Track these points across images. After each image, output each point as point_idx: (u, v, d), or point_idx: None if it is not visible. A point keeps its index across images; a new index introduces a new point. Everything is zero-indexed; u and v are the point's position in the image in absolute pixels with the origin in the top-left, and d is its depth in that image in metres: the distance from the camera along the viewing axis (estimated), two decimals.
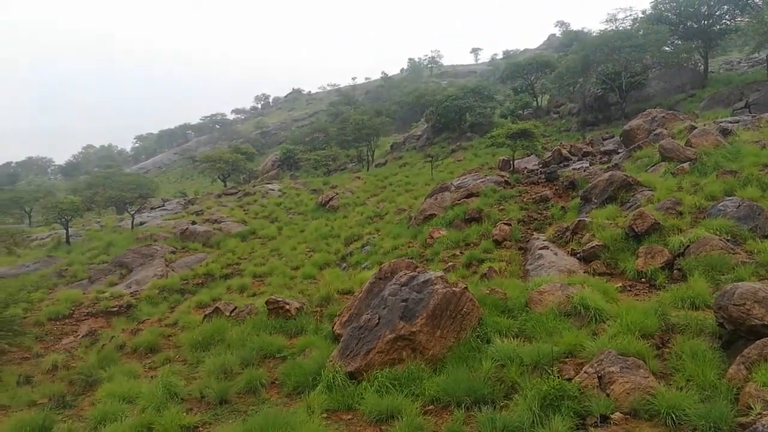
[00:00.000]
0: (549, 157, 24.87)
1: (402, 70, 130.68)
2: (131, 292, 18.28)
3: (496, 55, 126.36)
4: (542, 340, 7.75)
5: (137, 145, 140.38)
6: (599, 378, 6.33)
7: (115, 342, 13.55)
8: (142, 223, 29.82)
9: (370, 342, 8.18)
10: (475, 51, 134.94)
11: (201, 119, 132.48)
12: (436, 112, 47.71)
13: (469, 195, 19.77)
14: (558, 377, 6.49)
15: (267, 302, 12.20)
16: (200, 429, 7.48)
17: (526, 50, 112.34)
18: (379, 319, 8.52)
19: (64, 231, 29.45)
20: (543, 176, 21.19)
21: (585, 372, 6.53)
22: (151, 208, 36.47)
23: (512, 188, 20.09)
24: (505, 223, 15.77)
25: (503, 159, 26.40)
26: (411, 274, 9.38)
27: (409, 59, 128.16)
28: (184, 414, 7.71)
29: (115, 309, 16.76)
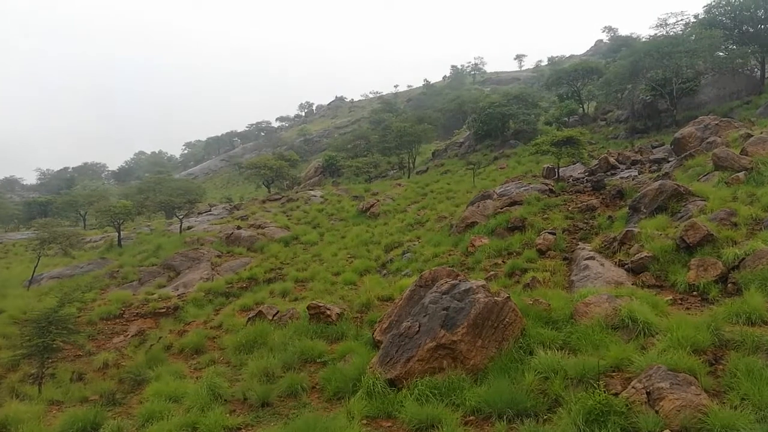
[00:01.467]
0: (595, 165, 24.30)
1: (444, 77, 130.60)
2: (178, 294, 18.83)
3: (540, 61, 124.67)
4: (588, 353, 7.55)
5: (186, 151, 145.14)
6: (648, 394, 6.12)
7: (163, 342, 14.00)
8: (189, 228, 30.71)
9: (410, 350, 8.15)
10: (519, 58, 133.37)
11: (247, 127, 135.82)
12: (478, 119, 47.34)
13: (512, 203, 19.50)
14: (604, 392, 6.29)
15: (308, 307, 12.35)
16: (243, 431, 7.62)
17: (571, 56, 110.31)
18: (419, 327, 8.49)
19: (117, 234, 30.67)
20: (589, 185, 20.71)
21: (633, 387, 6.32)
22: (199, 213, 37.50)
23: (557, 197, 19.70)
24: (549, 233, 15.47)
25: (548, 167, 25.94)
26: (452, 282, 9.31)
27: (452, 66, 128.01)
28: (228, 415, 7.87)
29: (163, 310, 17.29)
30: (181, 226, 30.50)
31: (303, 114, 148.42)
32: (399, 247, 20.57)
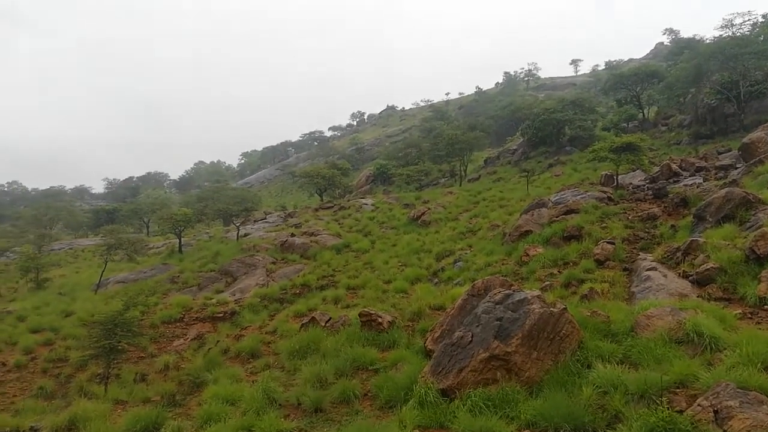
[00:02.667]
0: (657, 172, 23.40)
1: (496, 83, 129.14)
2: (235, 300, 19.40)
3: (597, 66, 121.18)
4: (650, 367, 7.24)
5: (243, 161, 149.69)
6: (715, 412, 5.80)
7: (220, 346, 14.43)
8: (246, 235, 31.60)
9: (462, 360, 8.07)
10: (574, 62, 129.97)
11: (300, 136, 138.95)
12: (532, 125, 46.53)
13: (569, 211, 19.03)
14: (668, 408, 6.02)
15: (360, 314, 12.43)
16: None
17: (630, 60, 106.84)
18: (472, 337, 8.39)
19: (178, 240, 31.95)
20: (650, 192, 19.96)
21: (698, 405, 6.01)
22: (255, 221, 38.54)
23: (616, 205, 19.09)
24: (607, 242, 14.99)
25: (606, 174, 25.18)
26: (506, 292, 9.16)
27: (505, 73, 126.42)
28: (282, 419, 8.01)
29: (221, 315, 17.85)
30: (238, 233, 31.44)
31: (355, 123, 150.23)
32: (450, 256, 20.44)
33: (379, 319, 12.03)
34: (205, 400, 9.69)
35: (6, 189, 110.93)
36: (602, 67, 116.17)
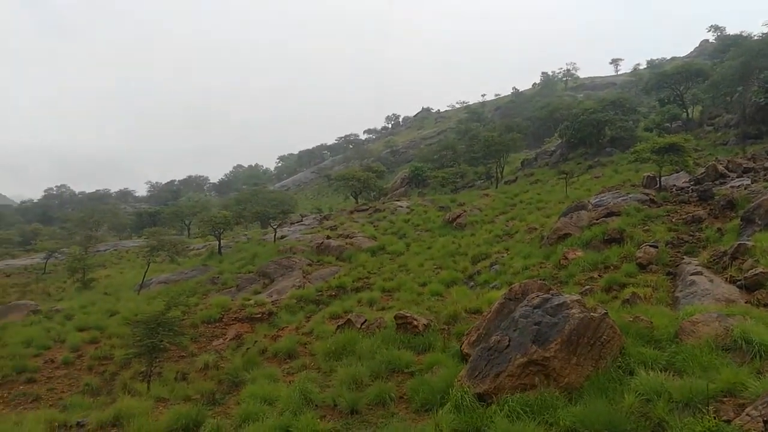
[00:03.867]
0: (702, 173, 22.62)
1: (534, 84, 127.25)
2: (272, 301, 19.69)
3: (638, 64, 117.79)
4: (695, 375, 7.00)
5: (279, 164, 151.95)
6: (765, 422, 5.56)
7: (258, 347, 14.67)
8: (283, 237, 32.06)
9: (499, 364, 7.98)
10: (614, 62, 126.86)
11: (336, 140, 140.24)
12: (571, 126, 45.64)
13: (609, 214, 18.60)
14: (714, 418, 5.81)
15: (395, 317, 12.44)
16: None
17: (673, 58, 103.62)
18: (509, 341, 8.28)
19: (217, 242, 32.66)
20: (695, 194, 19.30)
21: (747, 414, 5.77)
22: (291, 223, 39.05)
23: (659, 207, 18.55)
24: (650, 245, 14.57)
25: (648, 176, 24.51)
26: (544, 296, 9.01)
27: (542, 73, 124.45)
28: (318, 420, 8.08)
29: (259, 316, 18.15)
30: (275, 235, 31.92)
31: (389, 126, 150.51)
32: (486, 259, 20.22)
33: (415, 322, 12.02)
34: (244, 399, 9.86)
35: (55, 192, 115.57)
36: (644, 66, 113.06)
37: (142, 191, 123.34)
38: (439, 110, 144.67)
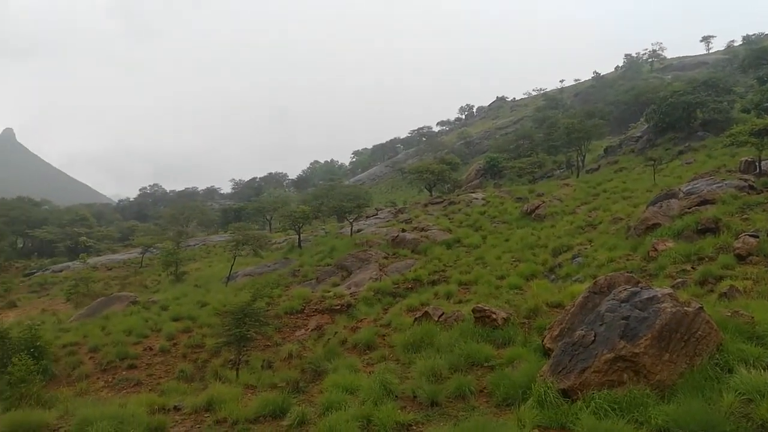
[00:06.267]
0: None
1: (617, 67, 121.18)
2: (350, 293, 20.09)
3: (733, 41, 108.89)
4: None
5: (354, 159, 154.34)
6: None
7: (338, 337, 15.03)
8: (359, 230, 32.60)
9: (585, 360, 7.68)
10: (705, 39, 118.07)
11: (409, 133, 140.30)
12: (658, 110, 43.03)
13: (703, 202, 17.41)
14: None
15: (473, 310, 12.29)
16: (413, 428, 7.83)
17: None
18: (594, 336, 7.96)
19: (297, 236, 33.74)
20: None
21: None
22: (366, 217, 39.60)
23: (759, 194, 17.15)
24: (750, 235, 13.47)
25: (746, 160, 22.71)
26: (632, 289, 8.57)
27: (626, 55, 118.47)
28: (399, 411, 8.14)
29: (338, 307, 18.59)
30: (351, 229, 32.51)
31: (463, 117, 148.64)
32: (568, 251, 19.51)
33: (494, 315, 11.82)
34: (326, 388, 10.10)
35: (149, 191, 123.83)
36: (739, 42, 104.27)
37: (226, 188, 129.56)
38: (514, 98, 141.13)
